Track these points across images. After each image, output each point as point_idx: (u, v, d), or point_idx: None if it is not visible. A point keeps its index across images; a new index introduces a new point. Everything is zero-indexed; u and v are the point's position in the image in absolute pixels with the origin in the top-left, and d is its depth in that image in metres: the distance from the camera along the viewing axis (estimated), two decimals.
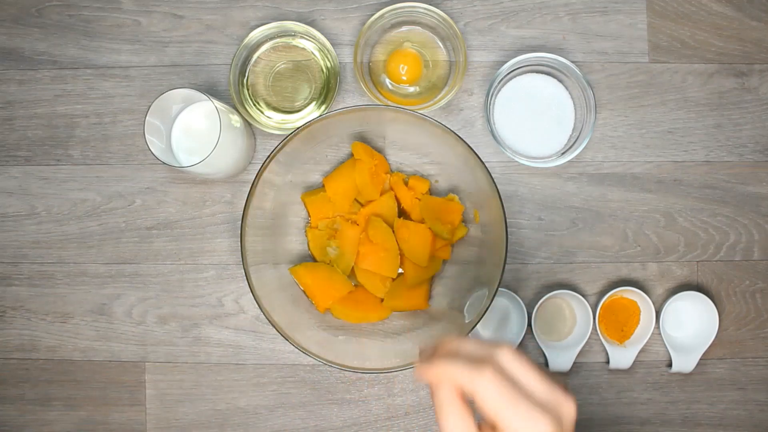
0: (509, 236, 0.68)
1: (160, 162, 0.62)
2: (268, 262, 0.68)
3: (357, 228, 0.69)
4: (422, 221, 0.69)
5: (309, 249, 0.72)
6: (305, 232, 0.72)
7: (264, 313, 0.63)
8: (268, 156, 0.62)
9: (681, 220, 0.73)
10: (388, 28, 0.72)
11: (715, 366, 0.73)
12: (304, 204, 0.71)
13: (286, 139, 0.62)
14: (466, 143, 0.62)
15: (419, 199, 0.70)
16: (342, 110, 0.62)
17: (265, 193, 0.66)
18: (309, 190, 0.72)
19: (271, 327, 0.72)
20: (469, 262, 0.70)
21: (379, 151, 0.71)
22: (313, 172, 0.72)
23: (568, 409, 0.38)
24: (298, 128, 0.62)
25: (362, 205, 0.71)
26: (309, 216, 0.72)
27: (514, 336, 0.71)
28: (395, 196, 0.70)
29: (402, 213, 0.71)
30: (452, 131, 0.61)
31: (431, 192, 0.72)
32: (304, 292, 0.70)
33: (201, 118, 0.67)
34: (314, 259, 0.71)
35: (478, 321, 0.62)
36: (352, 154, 0.70)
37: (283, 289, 0.69)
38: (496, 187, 0.61)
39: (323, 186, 0.71)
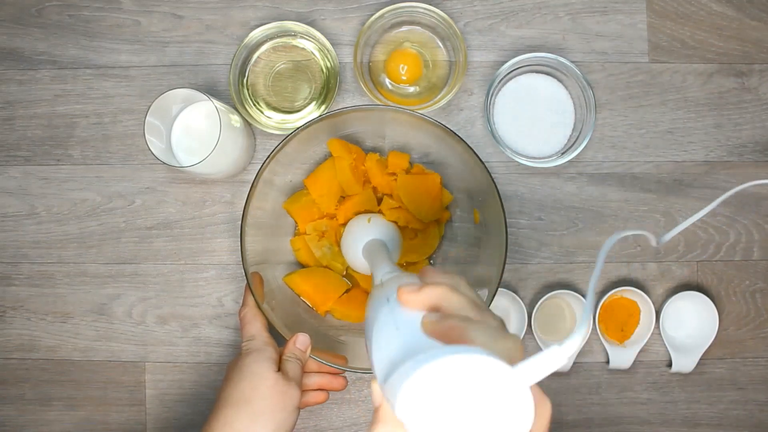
0: (509, 236, 0.68)
1: (160, 162, 0.62)
2: (268, 262, 0.67)
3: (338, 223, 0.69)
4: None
5: (297, 259, 0.71)
6: (290, 242, 0.71)
7: (264, 313, 0.63)
8: (268, 156, 0.62)
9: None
10: (388, 28, 0.72)
11: (715, 366, 0.73)
12: (289, 213, 0.70)
13: (286, 139, 0.62)
14: (466, 143, 0.62)
15: (395, 180, 0.69)
16: (342, 110, 0.62)
17: (265, 193, 0.66)
18: (289, 197, 0.70)
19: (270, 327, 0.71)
20: (469, 262, 0.70)
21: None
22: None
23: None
24: (298, 128, 0.62)
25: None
26: (296, 224, 0.71)
27: None
28: (372, 186, 0.70)
29: (381, 199, 0.70)
30: (452, 131, 0.61)
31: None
32: (304, 300, 0.70)
33: (201, 118, 0.67)
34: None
35: None
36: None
37: (283, 289, 0.69)
38: (496, 187, 0.61)
39: (305, 188, 0.70)
